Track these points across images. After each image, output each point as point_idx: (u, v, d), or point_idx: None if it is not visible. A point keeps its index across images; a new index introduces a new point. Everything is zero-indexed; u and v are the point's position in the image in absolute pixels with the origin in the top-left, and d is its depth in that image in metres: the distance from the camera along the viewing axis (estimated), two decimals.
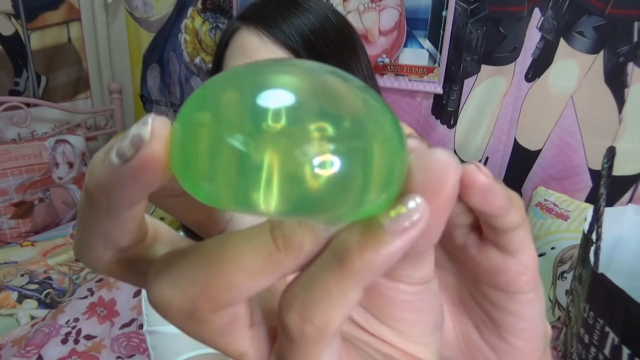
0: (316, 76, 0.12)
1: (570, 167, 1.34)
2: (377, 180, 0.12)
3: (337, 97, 0.12)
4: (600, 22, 1.21)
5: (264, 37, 0.45)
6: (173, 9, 1.93)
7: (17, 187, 1.75)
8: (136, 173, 0.12)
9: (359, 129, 0.12)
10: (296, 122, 0.11)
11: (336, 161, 0.11)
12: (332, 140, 0.11)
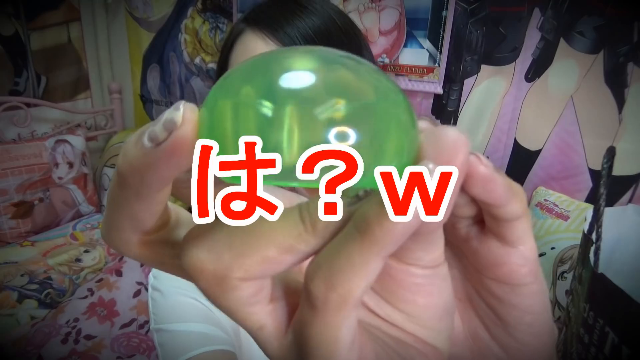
0: (332, 58, 0.13)
1: (570, 167, 1.34)
2: (389, 150, 0.13)
3: (351, 77, 0.13)
4: (600, 22, 1.21)
5: (269, 40, 0.46)
6: (173, 9, 1.93)
7: (17, 187, 1.75)
8: (168, 155, 0.12)
9: (372, 104, 0.13)
10: (315, 97, 0.12)
11: (351, 132, 0.12)
12: (347, 113, 0.12)
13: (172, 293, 0.56)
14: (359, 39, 0.51)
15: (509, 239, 0.18)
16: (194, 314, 0.54)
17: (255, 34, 0.47)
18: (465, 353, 0.21)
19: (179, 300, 0.55)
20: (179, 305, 0.55)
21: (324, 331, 0.14)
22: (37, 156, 1.81)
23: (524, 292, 0.19)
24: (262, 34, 0.46)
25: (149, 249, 0.17)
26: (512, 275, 0.18)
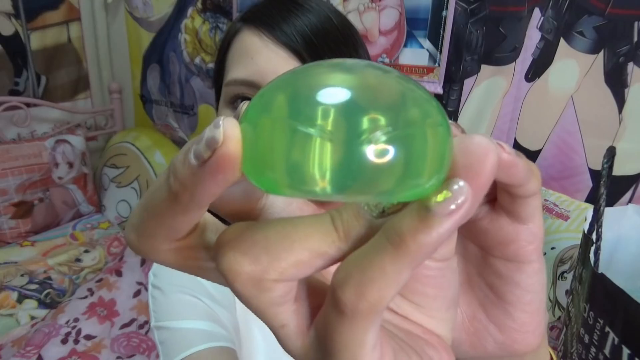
0: (362, 71, 0.14)
1: (570, 167, 1.34)
2: (430, 165, 0.13)
3: (385, 89, 0.13)
4: (600, 22, 1.21)
5: (265, 38, 0.46)
6: (173, 9, 1.93)
7: (17, 187, 1.75)
8: (214, 172, 0.13)
9: (409, 117, 0.13)
10: (352, 114, 0.12)
11: (390, 149, 0.12)
12: (385, 129, 0.12)
13: (173, 291, 0.56)
14: (355, 37, 0.51)
15: (521, 215, 0.19)
16: (195, 312, 0.54)
17: (252, 31, 0.47)
18: (461, 335, 0.22)
19: (179, 297, 0.55)
20: (180, 302, 0.55)
21: (351, 336, 0.15)
22: (37, 156, 1.81)
23: (527, 270, 0.20)
24: (258, 31, 0.46)
25: (179, 254, 0.17)
26: (520, 252, 0.19)
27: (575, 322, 0.65)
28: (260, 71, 0.45)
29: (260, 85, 0.44)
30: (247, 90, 0.46)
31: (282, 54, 0.45)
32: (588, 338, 0.58)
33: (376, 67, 0.14)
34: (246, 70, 0.46)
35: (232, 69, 0.47)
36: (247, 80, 0.46)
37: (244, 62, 0.46)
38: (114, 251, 1.77)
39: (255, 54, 0.46)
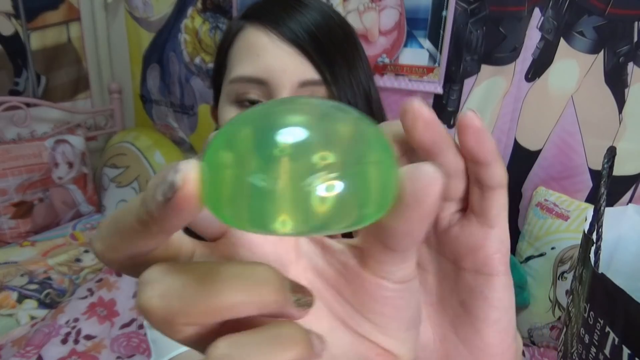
0: (317, 111, 0.15)
1: (570, 167, 1.34)
2: (373, 197, 0.14)
3: (336, 129, 0.14)
4: (600, 22, 1.21)
5: (272, 34, 0.45)
6: (173, 9, 1.93)
7: (17, 187, 1.75)
8: (176, 210, 0.14)
9: (355, 155, 0.14)
10: (303, 154, 0.13)
11: (338, 185, 0.13)
12: (333, 167, 0.13)
13: None
14: (354, 36, 0.51)
15: (488, 215, 0.20)
16: None
17: (257, 28, 0.46)
18: (431, 357, 0.22)
19: None
20: None
21: None
22: (37, 156, 1.81)
23: (496, 283, 0.20)
24: (264, 28, 0.46)
25: (139, 268, 0.17)
26: (488, 262, 0.20)
27: (575, 322, 0.65)
28: (267, 68, 0.45)
29: (267, 82, 0.44)
30: (254, 88, 0.46)
31: (289, 50, 0.45)
32: (588, 338, 0.58)
33: (333, 107, 0.15)
34: (252, 67, 0.45)
35: (237, 66, 0.47)
36: (253, 77, 0.45)
37: (250, 59, 0.46)
38: None
39: (262, 50, 0.45)
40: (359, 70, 0.48)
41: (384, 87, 1.57)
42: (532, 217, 1.37)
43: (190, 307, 0.15)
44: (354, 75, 0.48)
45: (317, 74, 0.45)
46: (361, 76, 0.49)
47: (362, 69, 0.49)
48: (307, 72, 0.45)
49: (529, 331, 1.31)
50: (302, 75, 0.45)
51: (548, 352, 1.19)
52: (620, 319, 0.53)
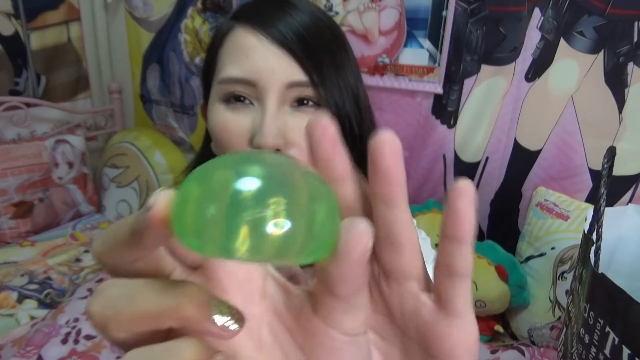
0: (276, 164, 0.17)
1: (570, 167, 1.34)
2: (316, 238, 0.17)
3: (289, 180, 0.17)
4: (600, 22, 1.21)
5: (261, 36, 0.46)
6: (173, 9, 1.93)
7: (17, 187, 1.75)
8: (148, 228, 0.16)
9: (302, 202, 0.16)
10: (259, 198, 0.15)
11: (286, 225, 0.16)
12: (284, 211, 0.16)
13: None
14: (342, 37, 0.52)
15: (456, 304, 0.20)
16: None
17: (246, 30, 0.47)
18: None
19: None
20: None
21: None
22: (37, 156, 1.81)
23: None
24: (254, 30, 0.46)
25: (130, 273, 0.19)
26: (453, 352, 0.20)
27: (575, 322, 0.65)
28: (255, 69, 0.45)
29: (256, 83, 0.45)
30: (242, 88, 0.46)
31: (277, 51, 0.45)
32: (588, 338, 0.58)
33: (290, 164, 0.18)
34: (242, 69, 0.46)
35: (227, 67, 0.47)
36: (243, 79, 0.46)
37: (239, 60, 0.46)
38: None
39: (251, 52, 0.46)
40: (347, 72, 0.49)
41: (384, 87, 1.57)
42: (532, 217, 1.37)
43: (119, 315, 0.17)
44: (341, 77, 0.48)
45: (305, 75, 0.46)
46: (349, 77, 0.49)
47: (350, 70, 0.50)
48: (295, 74, 0.45)
49: (529, 331, 1.31)
50: (290, 77, 0.45)
51: (548, 352, 1.19)
52: (620, 319, 0.53)
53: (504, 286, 1.30)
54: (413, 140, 1.60)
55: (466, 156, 1.53)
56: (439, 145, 1.55)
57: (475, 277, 1.32)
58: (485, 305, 1.31)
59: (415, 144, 1.60)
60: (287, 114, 0.47)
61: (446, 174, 1.58)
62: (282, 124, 0.46)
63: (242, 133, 0.46)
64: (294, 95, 0.46)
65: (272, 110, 0.45)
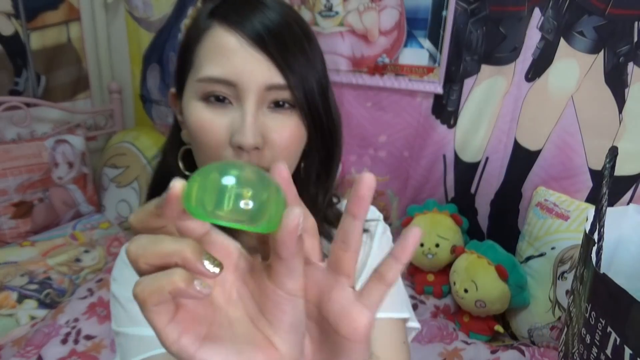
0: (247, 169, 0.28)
1: (570, 167, 1.34)
2: (274, 215, 0.27)
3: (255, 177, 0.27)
4: (600, 22, 1.21)
5: (240, 37, 0.48)
6: (173, 9, 1.93)
7: (17, 187, 1.75)
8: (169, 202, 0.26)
9: (262, 191, 0.27)
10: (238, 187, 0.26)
11: (252, 203, 0.26)
12: (252, 195, 0.26)
13: (127, 300, 0.59)
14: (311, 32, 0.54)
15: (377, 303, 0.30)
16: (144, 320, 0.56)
17: (225, 29, 0.49)
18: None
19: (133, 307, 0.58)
20: (133, 311, 0.58)
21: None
22: (37, 156, 1.81)
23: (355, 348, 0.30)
24: (232, 30, 0.48)
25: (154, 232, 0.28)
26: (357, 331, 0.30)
27: (576, 322, 0.65)
28: (236, 70, 0.47)
29: (237, 84, 0.47)
30: (223, 88, 0.48)
31: (257, 55, 0.48)
32: (590, 338, 0.58)
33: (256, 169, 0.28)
34: (223, 69, 0.48)
35: (207, 66, 0.49)
36: (224, 79, 0.48)
37: (220, 61, 0.48)
38: (114, 251, 1.77)
39: (232, 53, 0.48)
40: (318, 70, 0.52)
41: (384, 87, 1.57)
42: (532, 217, 1.37)
43: (145, 252, 0.26)
44: (313, 76, 0.51)
45: (282, 78, 0.48)
46: (320, 74, 0.52)
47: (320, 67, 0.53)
48: (273, 77, 0.48)
49: (529, 331, 1.31)
50: (268, 80, 0.48)
51: (548, 352, 1.19)
52: (621, 319, 0.53)
53: (504, 286, 1.30)
54: (413, 140, 1.60)
55: (466, 156, 1.53)
56: (439, 145, 1.55)
57: (475, 277, 1.32)
58: (485, 305, 1.31)
59: (415, 144, 1.60)
60: (265, 115, 0.49)
61: (446, 174, 1.59)
62: (262, 124, 0.48)
63: (221, 131, 0.48)
64: (272, 98, 0.49)
65: (252, 110, 0.47)
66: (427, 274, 1.54)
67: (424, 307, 1.46)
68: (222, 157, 0.49)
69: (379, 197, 1.74)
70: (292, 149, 0.51)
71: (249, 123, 0.47)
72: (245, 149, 0.47)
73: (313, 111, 0.51)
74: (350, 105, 1.66)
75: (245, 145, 0.46)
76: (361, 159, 1.73)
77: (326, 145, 0.55)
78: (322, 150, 0.56)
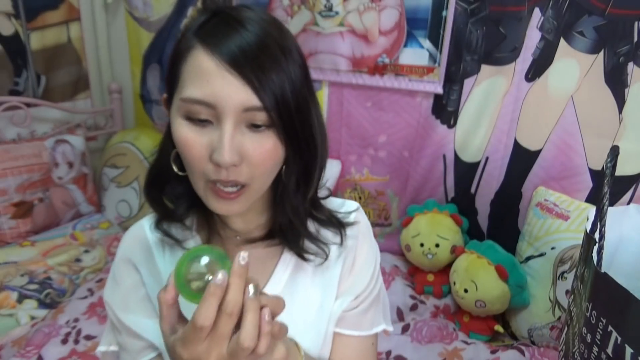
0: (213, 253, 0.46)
1: (570, 167, 1.34)
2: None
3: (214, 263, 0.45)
4: (600, 22, 1.21)
5: (219, 61, 0.51)
6: (173, 9, 1.93)
7: (17, 187, 1.75)
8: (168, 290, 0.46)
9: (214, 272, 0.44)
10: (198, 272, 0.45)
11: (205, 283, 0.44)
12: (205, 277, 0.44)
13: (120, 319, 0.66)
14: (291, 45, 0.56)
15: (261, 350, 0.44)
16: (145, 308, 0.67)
17: (205, 52, 0.52)
18: None
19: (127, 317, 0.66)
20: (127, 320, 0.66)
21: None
22: (37, 156, 1.81)
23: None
24: (212, 54, 0.52)
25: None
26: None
27: (577, 321, 0.65)
28: (214, 94, 0.50)
29: (215, 106, 0.51)
30: (202, 109, 0.52)
31: (234, 79, 0.51)
32: (590, 337, 0.58)
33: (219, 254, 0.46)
34: (202, 92, 0.51)
35: (189, 87, 0.52)
36: (203, 101, 0.51)
37: (200, 83, 0.51)
38: (114, 251, 1.77)
39: (211, 77, 0.51)
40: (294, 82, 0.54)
41: (384, 87, 1.57)
42: (532, 217, 1.37)
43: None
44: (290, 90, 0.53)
45: (259, 101, 0.51)
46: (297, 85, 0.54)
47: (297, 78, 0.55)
48: (250, 100, 0.51)
49: (529, 331, 1.31)
50: (245, 103, 0.51)
51: (548, 352, 1.19)
52: (622, 318, 0.53)
53: (504, 286, 1.30)
54: (413, 140, 1.60)
55: (466, 156, 1.53)
56: (439, 145, 1.55)
57: (475, 277, 1.32)
58: (485, 305, 1.31)
59: (415, 144, 1.60)
60: (244, 134, 0.52)
61: (446, 174, 1.59)
62: (239, 143, 0.51)
63: (201, 149, 0.52)
64: (249, 118, 0.52)
65: (229, 131, 0.51)
66: (427, 274, 1.55)
67: (424, 307, 1.46)
68: (203, 171, 0.53)
69: (379, 197, 1.74)
70: (268, 165, 0.54)
71: (226, 143, 0.50)
72: (222, 167, 0.51)
73: (288, 130, 0.54)
74: (350, 105, 1.66)
75: (222, 163, 0.50)
76: (361, 159, 1.73)
77: (304, 158, 0.58)
78: (300, 162, 0.58)
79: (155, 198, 0.62)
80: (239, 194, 0.54)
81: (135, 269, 0.64)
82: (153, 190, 0.62)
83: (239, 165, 0.52)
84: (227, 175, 0.52)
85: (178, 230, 0.63)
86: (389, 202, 1.74)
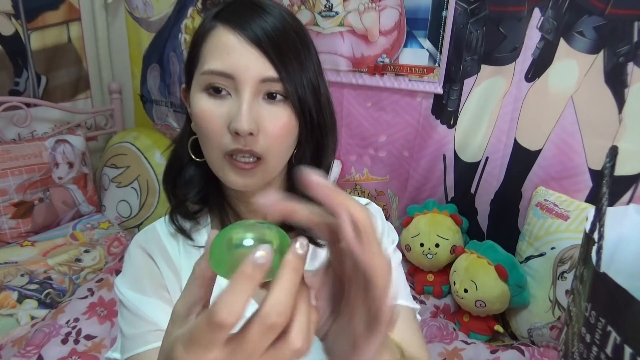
0: (258, 228, 0.33)
1: (570, 167, 1.34)
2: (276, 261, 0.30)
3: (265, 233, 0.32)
4: (600, 22, 1.21)
5: (240, 36, 0.54)
6: (173, 9, 1.93)
7: (17, 187, 1.75)
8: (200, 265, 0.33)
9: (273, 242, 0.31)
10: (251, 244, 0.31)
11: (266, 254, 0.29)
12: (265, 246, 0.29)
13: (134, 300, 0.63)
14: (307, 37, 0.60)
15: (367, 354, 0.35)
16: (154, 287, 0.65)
17: (226, 29, 0.55)
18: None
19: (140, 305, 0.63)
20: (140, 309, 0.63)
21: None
22: (37, 156, 1.81)
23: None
24: (233, 30, 0.54)
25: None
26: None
27: (576, 321, 0.65)
28: (234, 65, 0.53)
29: (234, 76, 0.53)
30: (222, 80, 0.54)
31: (253, 51, 0.53)
32: (589, 337, 0.58)
33: (269, 226, 0.33)
34: (223, 63, 0.54)
35: (209, 61, 0.55)
36: (223, 72, 0.53)
37: (221, 56, 0.54)
38: (114, 251, 1.77)
39: (231, 50, 0.54)
40: (309, 69, 0.58)
41: (384, 87, 1.57)
42: (532, 217, 1.37)
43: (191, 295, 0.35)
44: (304, 74, 0.57)
45: (275, 72, 0.54)
46: (311, 74, 0.58)
47: (312, 68, 0.58)
48: (267, 71, 0.54)
49: (529, 331, 1.31)
50: (263, 73, 0.53)
51: (548, 352, 1.19)
52: (622, 318, 0.53)
53: (504, 286, 1.30)
54: (413, 140, 1.60)
55: (466, 156, 1.53)
56: (439, 145, 1.55)
57: (475, 277, 1.32)
58: (485, 305, 1.31)
59: (415, 144, 1.60)
60: (260, 105, 0.55)
61: (446, 174, 1.59)
62: (256, 113, 0.54)
63: (220, 120, 0.54)
64: (266, 89, 0.54)
65: (248, 100, 0.53)
66: (427, 274, 1.55)
67: (424, 307, 1.46)
68: (222, 143, 0.54)
69: (379, 197, 1.74)
70: (283, 138, 0.56)
71: (244, 111, 0.52)
72: (241, 134, 0.52)
73: (303, 104, 0.56)
74: (350, 105, 1.66)
75: (240, 131, 0.51)
76: (361, 159, 1.73)
77: (315, 138, 0.60)
78: (312, 142, 0.61)
79: (171, 185, 0.64)
80: (255, 166, 0.55)
81: (149, 256, 0.65)
82: (169, 177, 0.64)
83: (256, 134, 0.53)
84: (244, 144, 0.53)
85: (190, 222, 0.65)
86: (389, 202, 1.74)
